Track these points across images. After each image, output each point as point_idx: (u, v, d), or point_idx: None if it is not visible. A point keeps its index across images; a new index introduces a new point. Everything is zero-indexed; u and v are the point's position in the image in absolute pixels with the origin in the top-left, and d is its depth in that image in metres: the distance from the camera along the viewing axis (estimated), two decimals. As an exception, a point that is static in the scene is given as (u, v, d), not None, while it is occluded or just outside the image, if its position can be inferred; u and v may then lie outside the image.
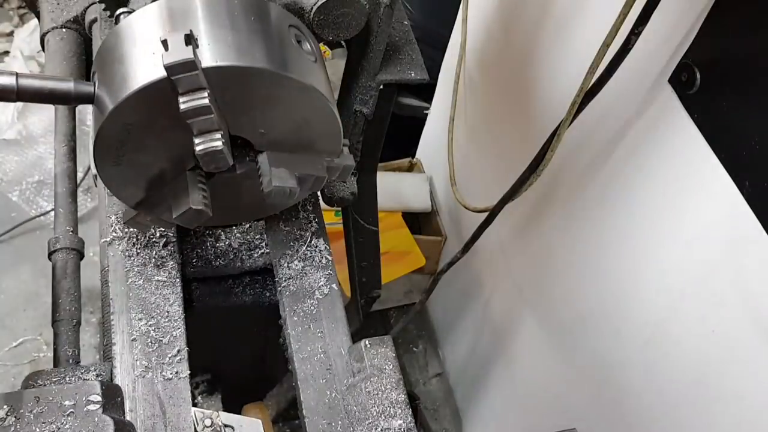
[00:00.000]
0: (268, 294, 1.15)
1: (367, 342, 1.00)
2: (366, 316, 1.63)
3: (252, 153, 0.93)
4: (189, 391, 0.93)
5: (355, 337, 1.03)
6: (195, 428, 0.88)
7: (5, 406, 0.78)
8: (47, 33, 1.18)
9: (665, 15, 1.10)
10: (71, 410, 0.78)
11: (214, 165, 0.85)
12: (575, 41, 1.45)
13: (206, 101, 0.79)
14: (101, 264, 1.04)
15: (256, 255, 1.13)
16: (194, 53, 0.76)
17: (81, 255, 1.09)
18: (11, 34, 3.12)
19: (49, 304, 1.05)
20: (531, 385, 1.91)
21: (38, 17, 1.23)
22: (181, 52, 0.77)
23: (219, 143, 0.82)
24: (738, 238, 1.08)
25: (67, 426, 0.77)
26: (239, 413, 0.94)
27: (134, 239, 1.05)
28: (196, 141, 0.82)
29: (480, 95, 2.05)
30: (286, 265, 1.09)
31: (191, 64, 0.77)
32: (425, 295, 1.82)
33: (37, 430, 0.77)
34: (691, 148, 1.13)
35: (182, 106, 0.79)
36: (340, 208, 1.32)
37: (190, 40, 0.77)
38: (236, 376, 1.37)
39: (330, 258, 1.11)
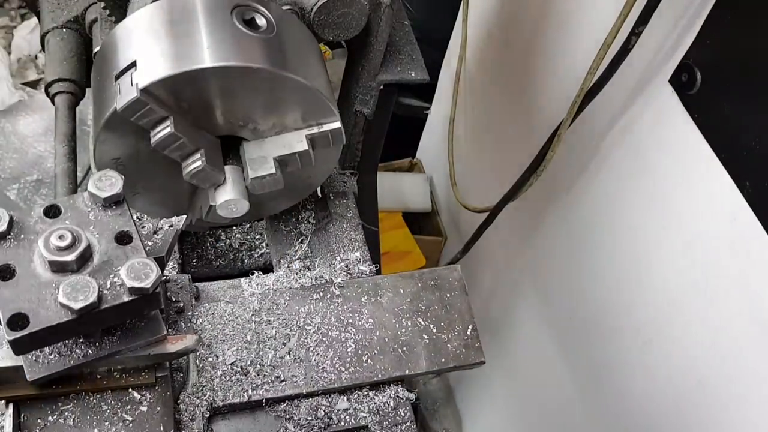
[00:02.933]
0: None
1: (330, 194, 1.13)
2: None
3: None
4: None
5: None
6: None
7: None
8: (47, 33, 1.18)
9: (665, 15, 1.10)
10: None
11: (209, 183, 0.87)
12: (575, 41, 1.45)
13: (169, 130, 0.79)
14: (101, 264, 1.04)
15: (256, 255, 1.13)
16: (138, 90, 0.75)
17: (81, 255, 1.09)
18: (11, 33, 3.12)
19: (50, 304, 1.04)
20: (530, 384, 1.91)
21: (38, 17, 1.23)
22: (127, 93, 0.77)
23: (199, 163, 0.83)
24: (738, 238, 1.08)
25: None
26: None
27: (134, 239, 1.05)
28: (182, 166, 0.84)
29: (480, 95, 2.05)
30: (286, 265, 1.09)
31: (140, 103, 0.77)
32: (425, 295, 1.82)
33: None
34: (691, 148, 1.13)
35: (152, 141, 0.80)
36: (340, 208, 1.32)
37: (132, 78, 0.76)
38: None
39: (330, 258, 1.11)
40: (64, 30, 1.18)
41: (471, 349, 0.98)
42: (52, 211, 0.74)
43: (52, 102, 1.14)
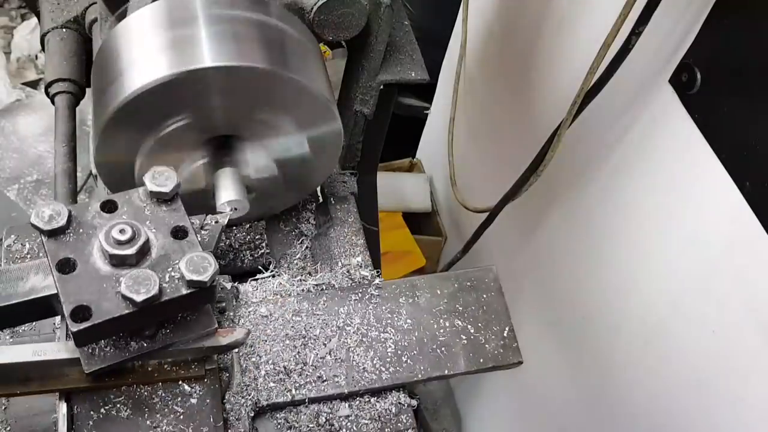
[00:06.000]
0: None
1: (331, 198, 1.13)
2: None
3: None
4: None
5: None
6: None
7: None
8: (47, 33, 1.18)
9: (665, 15, 1.10)
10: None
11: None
12: (576, 41, 1.45)
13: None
14: (101, 264, 1.04)
15: (256, 255, 1.13)
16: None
17: (81, 255, 1.08)
18: (11, 33, 3.12)
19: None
20: (530, 384, 1.91)
21: (38, 17, 1.23)
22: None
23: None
24: (738, 238, 1.08)
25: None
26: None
27: (134, 239, 1.05)
28: None
29: (480, 95, 2.05)
30: (286, 265, 1.09)
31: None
32: (425, 295, 1.82)
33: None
34: (691, 148, 1.13)
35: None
36: (340, 208, 1.32)
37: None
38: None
39: (330, 258, 1.11)
40: (64, 30, 1.18)
41: (509, 350, 0.99)
42: (108, 206, 0.76)
43: (52, 102, 1.14)
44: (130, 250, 0.71)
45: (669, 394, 1.30)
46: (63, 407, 0.76)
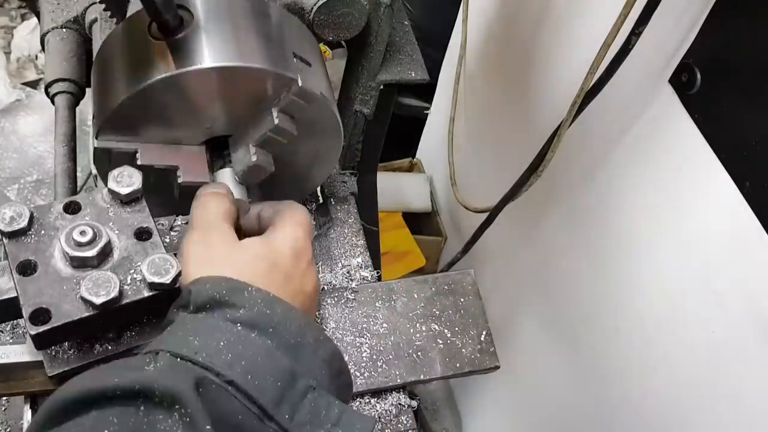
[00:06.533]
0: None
1: (331, 199, 1.12)
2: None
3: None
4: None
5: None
6: None
7: None
8: (47, 33, 1.18)
9: (666, 15, 1.10)
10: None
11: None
12: (576, 41, 1.45)
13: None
14: (101, 264, 1.04)
15: (256, 255, 1.13)
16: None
17: (81, 255, 1.08)
18: (11, 33, 3.12)
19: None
20: (531, 385, 1.91)
21: (38, 17, 1.23)
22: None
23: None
24: (738, 238, 1.08)
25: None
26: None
27: (134, 239, 1.05)
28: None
29: (480, 95, 2.05)
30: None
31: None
32: (425, 295, 1.82)
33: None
34: (691, 149, 1.13)
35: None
36: (340, 208, 1.32)
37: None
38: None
39: (330, 258, 1.11)
40: (64, 30, 1.18)
41: (485, 354, 0.99)
42: (71, 207, 0.75)
43: (52, 102, 1.14)
44: (91, 252, 0.70)
45: (669, 394, 1.30)
46: (28, 413, 0.76)
